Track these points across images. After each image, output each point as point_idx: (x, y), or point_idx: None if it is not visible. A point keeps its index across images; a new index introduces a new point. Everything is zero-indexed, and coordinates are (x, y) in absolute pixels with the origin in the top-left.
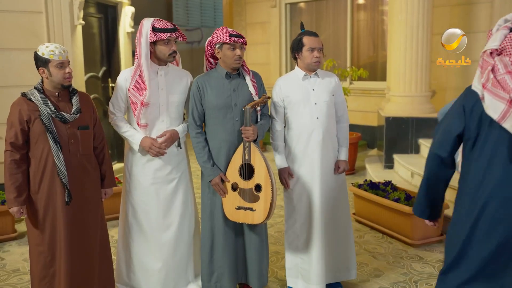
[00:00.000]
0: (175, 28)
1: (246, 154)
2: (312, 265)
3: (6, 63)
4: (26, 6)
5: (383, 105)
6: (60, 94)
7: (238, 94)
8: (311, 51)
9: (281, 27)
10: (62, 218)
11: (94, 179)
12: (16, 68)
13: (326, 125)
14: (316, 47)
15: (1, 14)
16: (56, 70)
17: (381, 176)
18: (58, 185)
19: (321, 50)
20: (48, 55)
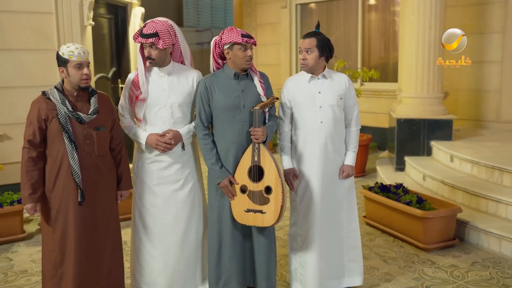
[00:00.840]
0: (146, 34)
1: (255, 155)
2: (308, 269)
3: (15, 63)
4: (36, 7)
5: (395, 106)
6: (78, 94)
7: (247, 95)
8: (300, 52)
9: (292, 28)
10: (73, 218)
11: (109, 181)
12: (25, 69)
13: (330, 130)
14: (301, 48)
15: (11, 15)
16: (74, 71)
17: (392, 178)
18: (72, 185)
19: (307, 51)
20: (68, 55)
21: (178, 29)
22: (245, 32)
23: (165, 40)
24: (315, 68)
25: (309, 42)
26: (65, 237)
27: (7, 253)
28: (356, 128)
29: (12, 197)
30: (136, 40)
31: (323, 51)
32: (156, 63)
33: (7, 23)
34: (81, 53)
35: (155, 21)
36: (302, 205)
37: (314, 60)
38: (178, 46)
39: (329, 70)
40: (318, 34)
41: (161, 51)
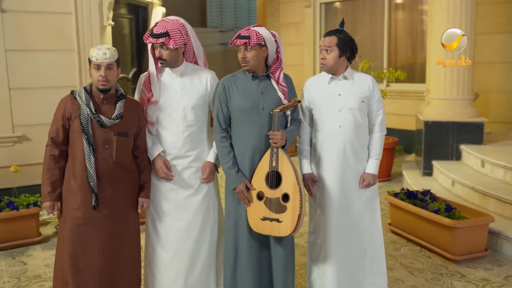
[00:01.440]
0: (156, 34)
1: (273, 160)
2: (326, 281)
3: (35, 64)
4: (55, 7)
5: (422, 108)
6: (105, 97)
7: (266, 97)
8: (320, 51)
9: (315, 27)
10: (86, 222)
11: (128, 189)
12: (45, 70)
13: (350, 135)
14: (321, 46)
15: (30, 15)
16: (93, 72)
17: (419, 183)
18: (87, 188)
19: (327, 50)
20: (90, 56)
21: (191, 28)
22: (241, 32)
23: (176, 40)
24: (335, 69)
25: (329, 40)
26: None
27: (22, 256)
28: (380, 134)
29: (28, 199)
30: (146, 40)
31: (343, 50)
32: (168, 64)
33: (26, 24)
34: (100, 54)
35: (165, 20)
36: (320, 212)
37: (333, 60)
38: (191, 45)
39: (352, 70)
40: (340, 32)
41: (173, 51)
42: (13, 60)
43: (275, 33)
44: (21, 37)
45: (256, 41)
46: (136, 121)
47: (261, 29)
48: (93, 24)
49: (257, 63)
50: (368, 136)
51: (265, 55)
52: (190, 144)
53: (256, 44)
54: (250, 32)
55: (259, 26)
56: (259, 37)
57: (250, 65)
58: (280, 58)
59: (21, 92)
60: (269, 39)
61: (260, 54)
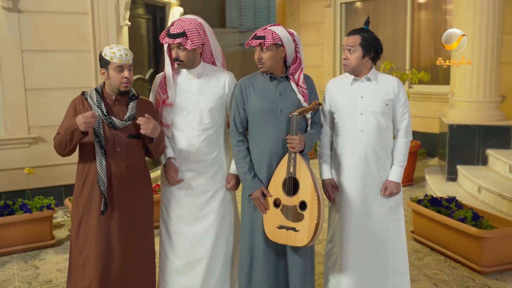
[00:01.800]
0: (173, 34)
1: (290, 166)
2: None
3: (50, 65)
4: (71, 7)
5: (446, 111)
6: (117, 98)
7: (285, 99)
8: (343, 51)
9: (336, 27)
10: (95, 227)
11: (140, 193)
12: (61, 70)
13: (372, 140)
14: (344, 46)
15: (46, 15)
16: (114, 74)
17: (443, 189)
18: (97, 192)
19: (350, 50)
20: (109, 57)
21: (209, 27)
22: (257, 32)
23: (194, 40)
24: (358, 70)
25: (352, 39)
26: (88, 247)
27: (34, 260)
28: (405, 140)
29: (42, 202)
30: (162, 40)
31: (367, 50)
32: (185, 65)
33: (42, 24)
34: (123, 55)
35: (183, 20)
36: (338, 220)
37: (356, 61)
38: (209, 46)
39: (376, 71)
40: (364, 31)
41: (190, 52)
42: (29, 60)
43: (294, 32)
44: (37, 37)
45: (271, 41)
46: None
47: (278, 28)
48: (110, 24)
49: (273, 64)
50: (392, 142)
51: (282, 55)
52: (206, 148)
53: (271, 44)
54: (266, 32)
55: (277, 25)
56: (275, 36)
57: (267, 66)
58: (300, 58)
59: (37, 93)
60: (286, 38)
61: (276, 54)
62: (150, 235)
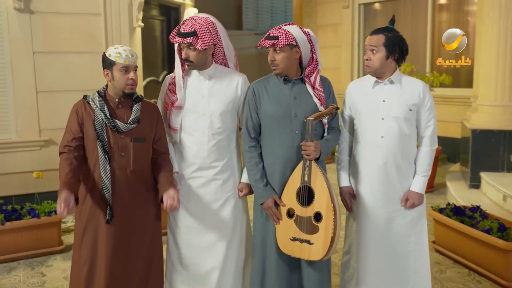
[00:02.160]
0: (183, 33)
1: (305, 174)
2: None
3: (62, 66)
4: (84, 8)
5: (469, 115)
6: (120, 101)
7: (300, 103)
8: (365, 51)
9: (354, 29)
10: (102, 236)
11: (146, 199)
12: (73, 72)
13: (393, 147)
14: (367, 46)
15: (58, 16)
16: (120, 75)
17: (465, 197)
18: (102, 199)
19: (373, 50)
20: (114, 57)
21: (221, 27)
22: (271, 32)
23: (204, 40)
24: (380, 71)
25: (376, 39)
26: (93, 256)
27: (41, 267)
28: (429, 148)
29: (50, 206)
30: (173, 39)
31: (391, 51)
32: (195, 66)
33: (54, 25)
34: (129, 55)
35: (194, 18)
36: (356, 232)
37: (379, 62)
38: (221, 46)
39: (400, 74)
40: (388, 30)
41: (200, 53)
42: (40, 62)
43: (309, 31)
44: (49, 38)
45: (285, 41)
46: (154, 125)
47: (292, 28)
48: (122, 26)
49: (287, 66)
50: (416, 150)
51: (297, 56)
52: (217, 154)
53: (285, 45)
54: (280, 31)
55: (291, 24)
56: (289, 36)
57: (280, 68)
58: (316, 59)
59: (48, 95)
60: (301, 38)
61: (291, 55)
62: (157, 244)
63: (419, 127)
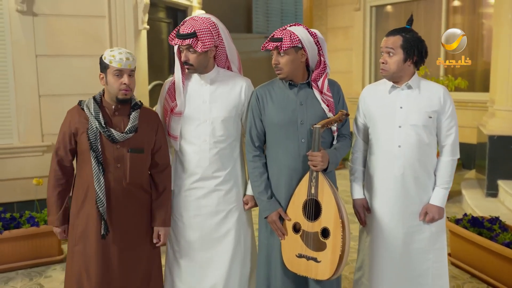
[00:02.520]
0: (182, 35)
1: (312, 187)
2: None
3: (66, 70)
4: (88, 10)
5: (485, 120)
6: (117, 108)
7: (306, 109)
8: (381, 54)
9: (365, 32)
10: (95, 253)
11: (145, 215)
12: (77, 76)
13: (411, 157)
14: (383, 48)
15: (62, 19)
16: (113, 79)
17: (482, 206)
18: (96, 213)
19: (389, 53)
20: (108, 60)
21: (224, 28)
22: (275, 33)
23: (205, 42)
24: (398, 75)
25: (392, 41)
26: (85, 272)
27: (39, 278)
28: (450, 158)
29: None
30: (172, 42)
31: (409, 53)
32: (195, 70)
33: (57, 28)
34: (123, 59)
35: (194, 19)
36: (369, 248)
37: (396, 65)
38: (223, 48)
39: (418, 78)
40: (406, 31)
41: (201, 55)
42: (43, 65)
43: (316, 32)
44: (52, 41)
45: (289, 44)
46: (153, 135)
47: (298, 29)
48: (127, 28)
49: (292, 70)
50: (435, 160)
51: (303, 59)
52: (219, 163)
53: (290, 47)
54: (284, 33)
55: (297, 24)
56: (293, 38)
57: (285, 72)
58: (324, 62)
59: (51, 99)
60: (307, 40)
61: (296, 58)
62: (156, 259)
63: (439, 136)
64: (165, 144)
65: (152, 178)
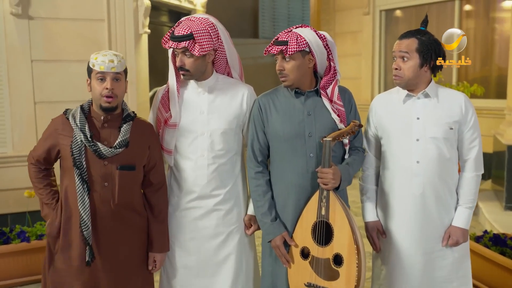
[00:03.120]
0: (177, 37)
1: (322, 207)
2: None
3: (63, 76)
4: (86, 14)
5: (503, 129)
6: (106, 119)
7: (315, 119)
8: (394, 59)
9: (375, 36)
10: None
11: (137, 239)
12: (74, 82)
13: (431, 174)
14: (395, 52)
15: (59, 22)
16: (96, 84)
17: (501, 221)
18: (80, 237)
19: (403, 58)
20: (91, 63)
21: (223, 30)
22: (279, 36)
23: (203, 44)
24: (413, 83)
25: (406, 44)
26: None
27: None
28: (474, 173)
29: (43, 229)
30: (165, 45)
31: (426, 58)
32: (191, 76)
33: (54, 31)
34: (105, 61)
35: (191, 19)
36: (386, 277)
37: (411, 71)
38: (223, 52)
39: (436, 85)
40: (422, 33)
41: (198, 59)
42: (39, 71)
43: (326, 35)
44: (49, 46)
45: (296, 47)
46: (147, 150)
47: (305, 31)
48: (128, 32)
49: (299, 76)
50: (457, 176)
51: (310, 65)
52: (218, 181)
53: (296, 51)
54: (290, 35)
55: (304, 26)
56: (300, 41)
57: (290, 80)
58: (334, 67)
59: (47, 106)
60: (315, 43)
61: (303, 64)
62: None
63: (461, 149)
64: (161, 160)
65: (146, 198)
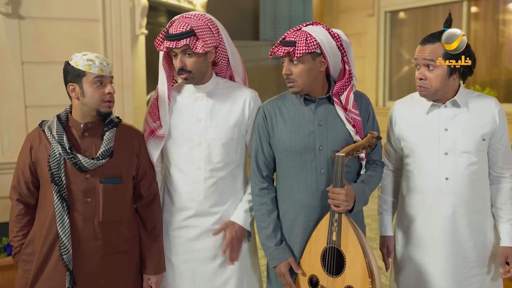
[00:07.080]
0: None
1: (333, 232)
2: None
3: (55, 78)
4: (80, 13)
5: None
6: (86, 127)
7: (327, 131)
8: (416, 67)
9: (379, 38)
10: None
11: (127, 261)
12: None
13: (463, 192)
14: (418, 59)
15: (51, 22)
16: (92, 89)
17: None
18: (60, 262)
19: (428, 66)
20: (84, 66)
21: (223, 28)
22: (287, 36)
23: (206, 40)
24: (441, 93)
25: (431, 50)
26: None
27: None
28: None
29: None
30: (160, 46)
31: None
32: (193, 78)
33: (46, 32)
34: (103, 63)
35: (187, 16)
36: None
37: (439, 81)
38: (225, 51)
39: (466, 91)
40: None
41: (201, 58)
42: (30, 73)
43: (340, 33)
44: (41, 47)
45: (305, 49)
46: (133, 158)
47: (316, 29)
48: (124, 33)
49: (308, 82)
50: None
51: (322, 68)
52: (216, 196)
53: (305, 53)
54: (299, 34)
55: (315, 24)
56: (310, 42)
57: (299, 86)
58: (349, 71)
59: (39, 110)
60: (327, 43)
61: (313, 68)
62: None
63: (493, 161)
64: (151, 169)
65: (138, 213)
